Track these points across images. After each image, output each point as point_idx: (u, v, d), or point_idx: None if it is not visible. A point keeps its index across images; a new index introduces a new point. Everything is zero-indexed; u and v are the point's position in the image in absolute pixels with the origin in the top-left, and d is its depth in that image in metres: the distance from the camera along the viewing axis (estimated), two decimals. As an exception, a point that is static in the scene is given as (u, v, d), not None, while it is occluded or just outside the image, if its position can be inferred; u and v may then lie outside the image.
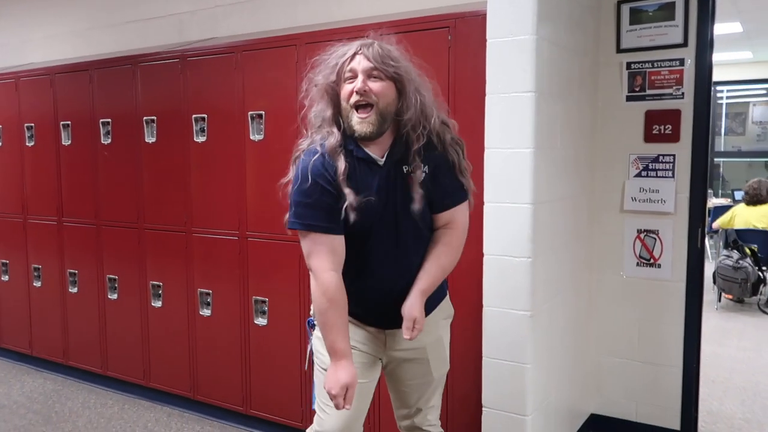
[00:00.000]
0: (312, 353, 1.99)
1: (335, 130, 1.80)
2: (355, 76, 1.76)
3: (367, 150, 1.82)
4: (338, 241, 1.78)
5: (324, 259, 1.76)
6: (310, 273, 1.81)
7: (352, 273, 1.84)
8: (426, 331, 1.88)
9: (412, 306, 1.82)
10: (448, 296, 2.05)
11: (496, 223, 2.39)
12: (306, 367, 2.04)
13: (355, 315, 1.90)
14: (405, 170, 1.81)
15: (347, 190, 1.74)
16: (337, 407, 1.78)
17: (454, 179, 1.87)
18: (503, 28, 2.33)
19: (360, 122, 1.76)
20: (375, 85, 1.75)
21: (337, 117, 1.81)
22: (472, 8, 2.50)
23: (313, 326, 1.98)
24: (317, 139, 1.83)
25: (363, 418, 1.97)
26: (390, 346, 1.95)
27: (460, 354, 2.61)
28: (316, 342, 1.96)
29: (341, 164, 1.75)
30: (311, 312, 1.95)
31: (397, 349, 1.94)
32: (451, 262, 1.91)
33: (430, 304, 1.91)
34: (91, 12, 4.34)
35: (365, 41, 1.81)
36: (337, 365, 1.78)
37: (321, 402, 1.93)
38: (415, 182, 1.80)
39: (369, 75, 1.76)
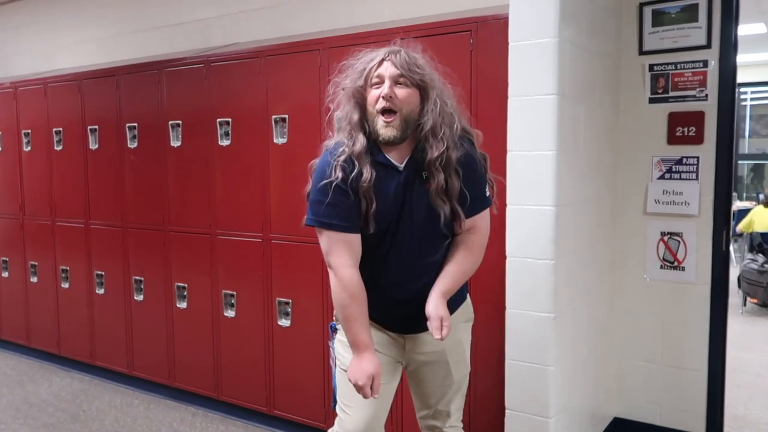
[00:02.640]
0: (335, 357, 2.02)
1: (361, 135, 1.82)
2: (382, 82, 1.79)
3: (387, 155, 1.85)
4: (354, 239, 1.82)
5: (342, 256, 1.81)
6: (329, 269, 1.85)
7: (369, 278, 1.87)
8: None
9: (435, 307, 1.82)
10: (468, 299, 2.06)
11: (518, 225, 2.39)
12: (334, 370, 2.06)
13: (374, 319, 1.92)
14: (424, 176, 1.83)
15: (369, 197, 1.79)
16: (366, 396, 1.80)
17: (476, 187, 1.87)
18: (525, 31, 2.34)
19: (385, 126, 1.79)
20: (400, 92, 1.79)
21: (363, 122, 1.83)
22: (494, 12, 2.52)
23: (335, 330, 2.02)
24: (342, 140, 1.85)
25: (384, 418, 1.99)
26: (410, 349, 1.97)
27: (483, 356, 2.62)
28: (338, 345, 2.00)
29: (367, 171, 1.79)
30: (334, 316, 2.00)
31: (418, 352, 1.97)
32: (472, 265, 1.92)
33: (451, 306, 1.90)
34: (117, 18, 4.42)
35: (392, 48, 1.84)
36: (361, 357, 1.81)
37: (342, 403, 1.96)
38: (432, 189, 1.81)
39: (395, 81, 1.79)
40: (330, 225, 1.80)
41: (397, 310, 1.91)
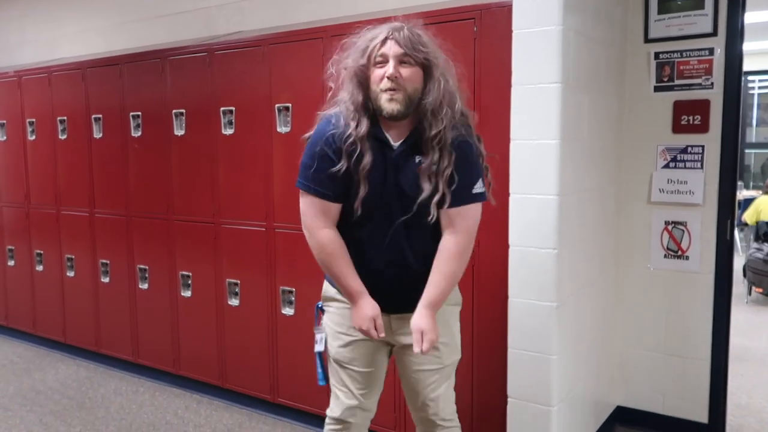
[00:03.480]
0: (325, 338, 2.08)
1: (366, 118, 1.82)
2: (386, 61, 1.78)
3: (386, 132, 1.85)
4: (332, 207, 1.88)
5: (318, 219, 1.88)
6: (305, 230, 1.92)
7: (354, 254, 1.90)
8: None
9: (418, 319, 1.85)
10: (456, 284, 2.01)
11: (521, 214, 2.39)
12: (321, 349, 2.11)
13: None
14: (416, 159, 1.83)
15: (365, 181, 1.81)
16: (372, 338, 1.88)
17: (463, 177, 1.83)
18: (529, 19, 2.32)
19: (389, 100, 1.78)
20: (405, 71, 1.78)
21: (367, 102, 1.82)
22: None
23: (322, 310, 2.09)
24: (343, 115, 1.85)
25: (376, 396, 2.06)
26: (396, 330, 1.97)
27: (485, 344, 2.63)
28: (327, 330, 2.05)
29: (368, 156, 1.80)
30: (322, 296, 2.08)
31: (404, 333, 1.95)
32: (455, 269, 1.88)
33: None
34: (121, 7, 4.41)
35: (395, 25, 1.82)
36: (358, 304, 1.89)
37: (334, 385, 2.05)
38: (423, 171, 1.80)
39: (400, 61, 1.78)
40: (311, 189, 1.87)
41: (382, 291, 1.91)
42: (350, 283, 1.89)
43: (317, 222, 1.88)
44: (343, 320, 2.00)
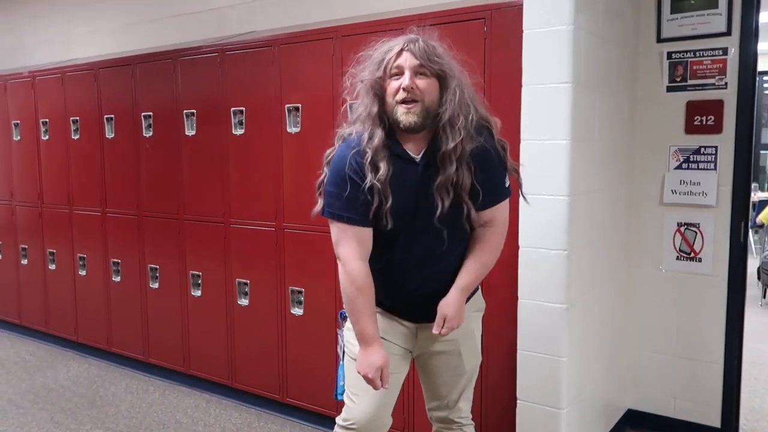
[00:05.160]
0: (343, 345, 2.04)
1: (379, 130, 1.79)
2: (401, 73, 1.76)
3: (405, 147, 1.83)
4: (365, 233, 1.83)
5: (351, 248, 1.82)
6: (338, 261, 1.86)
7: (383, 267, 1.88)
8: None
9: (448, 304, 1.85)
10: (480, 290, 2.05)
11: (531, 215, 2.37)
12: (342, 359, 2.08)
13: (386, 307, 1.94)
14: (438, 169, 1.81)
15: (385, 193, 1.77)
16: (376, 388, 1.83)
17: (494, 177, 1.85)
18: (540, 19, 2.31)
19: (405, 113, 1.76)
20: (421, 83, 1.76)
21: (382, 114, 1.80)
22: (509, -1, 2.48)
23: (344, 318, 2.02)
24: (360, 133, 1.82)
25: (391, 407, 2.00)
26: (421, 338, 1.97)
27: (495, 346, 2.61)
28: (347, 333, 2.00)
29: (383, 167, 1.77)
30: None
31: (430, 342, 1.95)
32: (490, 259, 1.92)
33: None
34: (133, 7, 4.43)
35: (410, 37, 1.80)
36: (368, 350, 1.83)
37: (350, 391, 1.98)
38: (439, 180, 1.78)
39: (416, 72, 1.76)
40: (342, 217, 1.81)
41: (410, 301, 1.91)
42: (367, 325, 1.83)
43: (350, 252, 1.82)
44: None
